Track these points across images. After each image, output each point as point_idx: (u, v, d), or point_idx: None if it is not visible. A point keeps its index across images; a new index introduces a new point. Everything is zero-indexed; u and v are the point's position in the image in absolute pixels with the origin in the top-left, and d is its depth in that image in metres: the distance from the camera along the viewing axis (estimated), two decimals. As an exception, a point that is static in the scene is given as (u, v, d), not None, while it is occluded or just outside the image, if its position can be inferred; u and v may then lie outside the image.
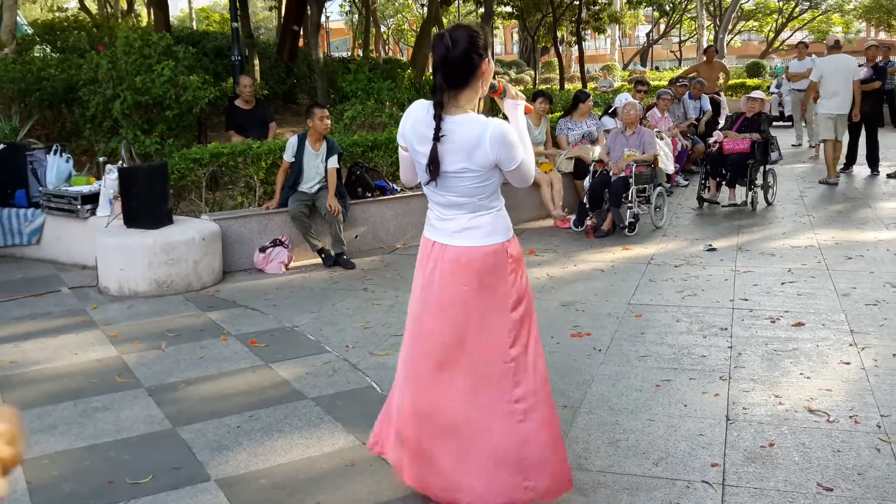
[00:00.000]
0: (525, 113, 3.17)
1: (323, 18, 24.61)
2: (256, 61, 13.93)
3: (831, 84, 11.36)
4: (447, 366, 3.07)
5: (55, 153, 8.07)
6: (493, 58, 3.00)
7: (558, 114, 10.89)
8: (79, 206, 7.56)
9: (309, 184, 7.60)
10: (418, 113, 2.99)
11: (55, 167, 8.01)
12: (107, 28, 14.04)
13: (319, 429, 4.06)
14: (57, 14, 18.51)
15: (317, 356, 5.14)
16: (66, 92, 10.02)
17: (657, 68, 39.12)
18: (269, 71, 15.19)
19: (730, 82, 25.17)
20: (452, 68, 2.87)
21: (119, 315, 6.18)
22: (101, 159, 8.37)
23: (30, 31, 15.55)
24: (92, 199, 7.61)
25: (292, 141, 7.69)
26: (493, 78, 3.07)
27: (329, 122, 7.57)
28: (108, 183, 7.45)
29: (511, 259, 3.05)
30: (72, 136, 10.06)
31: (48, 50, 13.63)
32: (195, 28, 33.31)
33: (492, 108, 10.20)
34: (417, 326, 3.16)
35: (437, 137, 2.88)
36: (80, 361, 5.14)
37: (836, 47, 11.83)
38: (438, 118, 2.89)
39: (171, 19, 18.24)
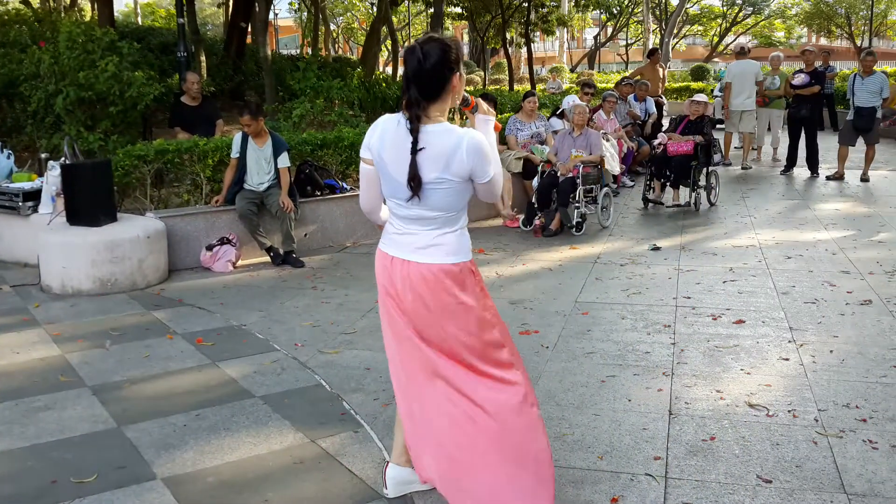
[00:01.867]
0: (495, 130, 3.18)
1: (271, 15, 24.41)
2: (203, 58, 13.77)
3: (737, 85, 13.27)
4: (439, 384, 3.02)
5: (-5, 149, 7.90)
6: (464, 72, 2.98)
7: (508, 114, 10.98)
8: (20, 203, 7.41)
9: (255, 180, 7.55)
10: (387, 126, 2.93)
11: (-5, 163, 7.84)
12: (49, 22, 13.70)
13: (267, 427, 4.05)
14: (-3, 7, 18.05)
15: (265, 355, 5.11)
16: (6, 87, 9.79)
17: (604, 71, 39.55)
18: (216, 68, 15.02)
19: (674, 85, 25.61)
20: (425, 81, 2.83)
21: (62, 314, 6.07)
22: (43, 156, 8.20)
23: (-32, 24, 15.15)
24: (34, 196, 7.46)
25: (237, 138, 7.65)
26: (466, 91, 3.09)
27: (251, 128, 7.49)
28: (51, 180, 7.30)
29: (477, 277, 3.03)
30: (13, 132, 9.83)
31: (-12, 44, 13.29)
32: (140, 23, 32.77)
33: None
34: (401, 341, 3.08)
35: (415, 150, 2.82)
36: (21, 360, 5.05)
37: (742, 53, 13.84)
38: (416, 131, 2.82)
39: (115, 14, 17.93)
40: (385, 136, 2.92)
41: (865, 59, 12.05)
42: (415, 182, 2.82)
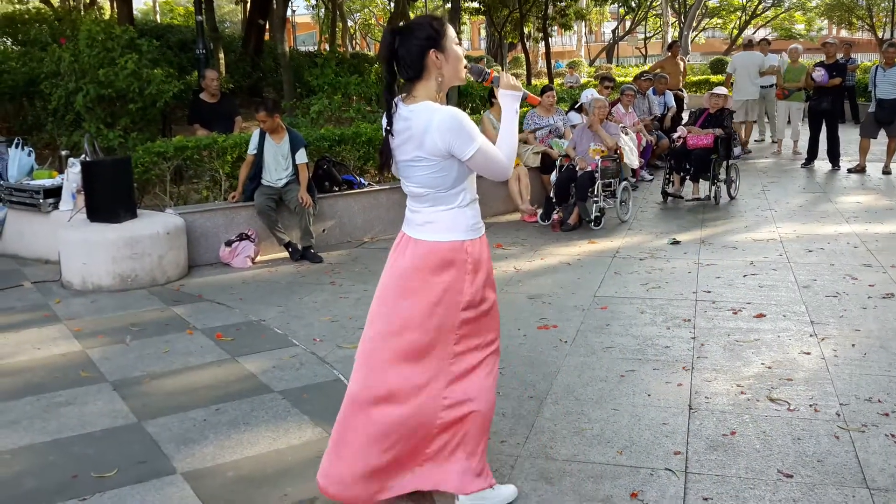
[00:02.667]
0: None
1: (289, 12, 24.45)
2: (221, 55, 13.81)
3: (741, 76, 13.95)
4: (384, 355, 3.05)
5: (17, 147, 7.96)
6: (445, 48, 2.90)
7: (526, 108, 10.94)
8: (41, 200, 7.47)
9: (273, 176, 7.57)
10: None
11: (17, 161, 7.90)
12: (69, 21, 13.78)
13: (286, 421, 4.06)
14: (18, 6, 18.21)
15: (284, 349, 5.13)
16: (27, 85, 9.88)
17: (622, 65, 39.36)
18: (235, 65, 15.08)
19: (693, 79, 25.45)
20: (396, 62, 2.90)
21: (83, 310, 6.12)
22: (63, 153, 8.27)
23: (-10, 23, 15.26)
24: (54, 193, 7.52)
25: (254, 134, 7.68)
26: (478, 64, 3.07)
27: (267, 124, 7.50)
28: (71, 177, 7.36)
29: (469, 259, 2.99)
30: (34, 129, 9.92)
31: (9, 43, 13.41)
32: (159, 21, 32.93)
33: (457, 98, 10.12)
34: (371, 314, 3.16)
35: (387, 131, 2.94)
36: (43, 356, 5.09)
37: (748, 45, 14.85)
38: (388, 112, 2.93)
39: (134, 12, 18.00)
40: (385, 118, 3.01)
41: (887, 51, 11.90)
42: (382, 158, 3.01)
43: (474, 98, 13.17)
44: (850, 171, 11.89)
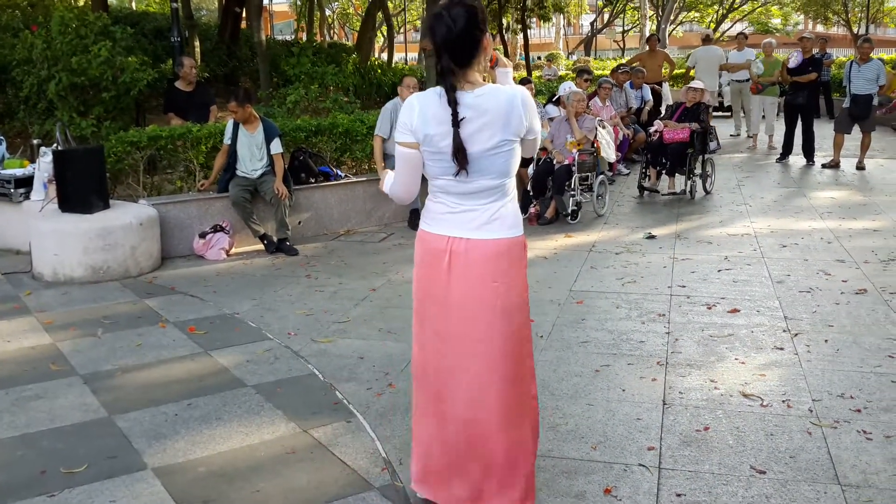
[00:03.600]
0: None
1: (266, 0, 24.26)
2: (197, 43, 13.68)
3: (702, 70, 14.87)
4: (475, 370, 2.91)
5: (-13, 135, 7.84)
6: (489, 31, 2.85)
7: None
8: (12, 190, 7.36)
9: (248, 167, 7.51)
10: (426, 102, 2.79)
11: (-13, 150, 7.78)
12: (42, 7, 13.59)
13: (259, 416, 4.03)
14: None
15: (258, 343, 5.09)
16: (-2, 72, 9.73)
17: (601, 57, 39.42)
18: (211, 53, 14.93)
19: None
20: (458, 47, 2.72)
21: (54, 302, 6.04)
22: (35, 142, 8.14)
23: (-40, 8, 15.01)
24: (26, 182, 7.41)
25: (229, 124, 7.62)
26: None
27: (238, 114, 7.46)
28: (43, 166, 7.26)
29: (525, 254, 3.00)
30: (5, 117, 9.77)
31: (-21, 29, 13.18)
32: (134, 8, 32.55)
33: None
34: (439, 336, 2.95)
35: (456, 123, 2.71)
36: (12, 349, 5.02)
37: (707, 40, 15.84)
38: (454, 102, 2.71)
39: (108, -1, 17.75)
40: (427, 113, 2.78)
41: (862, 46, 12.01)
42: (461, 155, 2.72)
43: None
44: (824, 166, 11.99)
